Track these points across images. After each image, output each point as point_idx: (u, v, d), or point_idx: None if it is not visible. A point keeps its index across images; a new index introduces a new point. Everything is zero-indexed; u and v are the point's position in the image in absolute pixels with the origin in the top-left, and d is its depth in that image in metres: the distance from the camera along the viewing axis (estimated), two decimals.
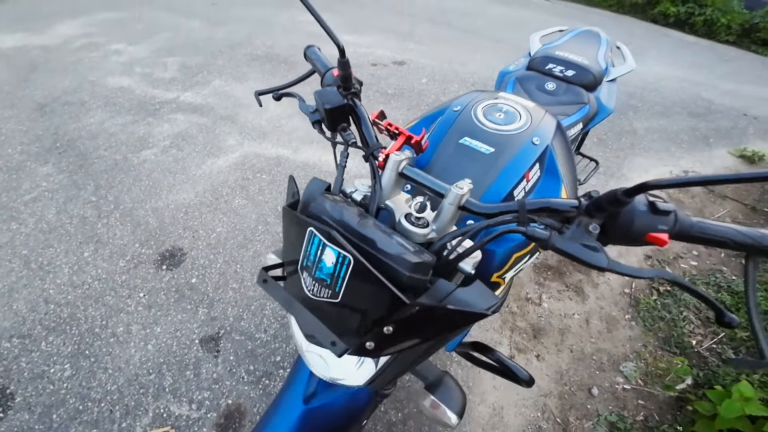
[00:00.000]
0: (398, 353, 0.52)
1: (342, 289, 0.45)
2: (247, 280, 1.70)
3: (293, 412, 0.70)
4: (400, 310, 0.43)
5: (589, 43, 1.45)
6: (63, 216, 2.01)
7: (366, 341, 0.47)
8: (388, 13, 5.39)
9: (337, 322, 0.48)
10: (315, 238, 0.47)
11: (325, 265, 0.46)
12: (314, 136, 2.66)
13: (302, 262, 0.49)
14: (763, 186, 2.31)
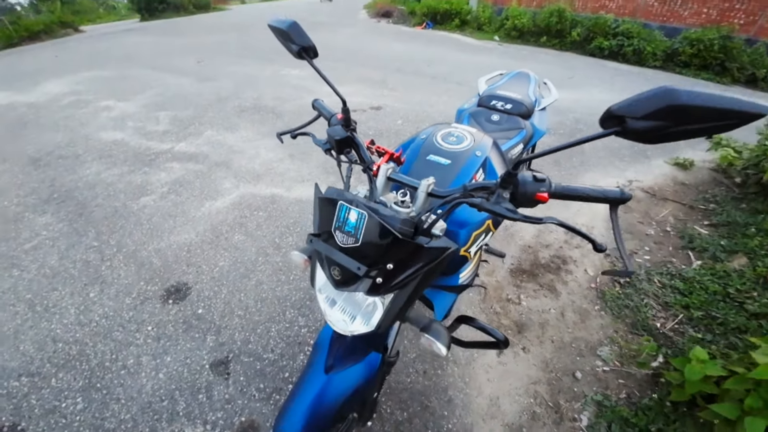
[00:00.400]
0: (395, 297, 0.73)
1: (361, 236, 0.69)
2: (251, 307, 1.81)
3: (317, 380, 0.87)
4: (396, 246, 0.68)
5: (521, 82, 1.83)
6: (66, 261, 2.08)
7: (376, 277, 0.70)
8: (362, 66, 6.00)
9: (359, 259, 0.71)
10: (344, 207, 0.71)
11: (350, 222, 0.70)
12: (305, 176, 2.90)
13: (335, 224, 0.72)
14: (697, 188, 2.75)
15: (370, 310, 0.78)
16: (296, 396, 0.87)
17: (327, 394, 0.86)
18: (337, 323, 0.80)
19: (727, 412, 1.18)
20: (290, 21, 0.92)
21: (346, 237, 0.70)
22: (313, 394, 0.86)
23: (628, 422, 1.35)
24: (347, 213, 0.70)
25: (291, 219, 2.42)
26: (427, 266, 0.71)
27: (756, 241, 2.06)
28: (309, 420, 0.83)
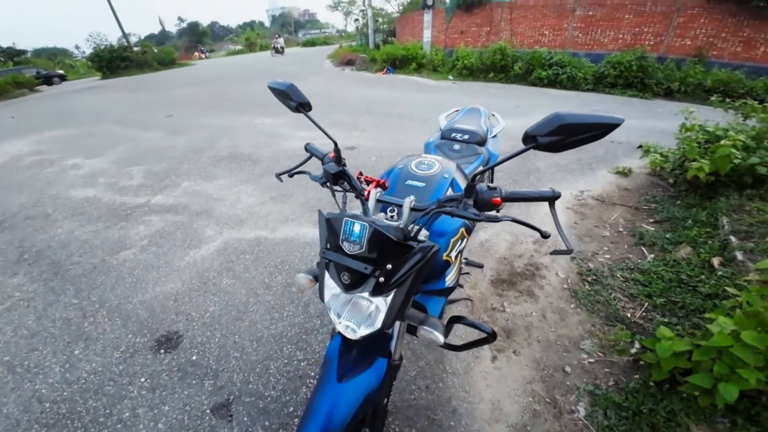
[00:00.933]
0: (395, 295, 0.85)
1: (365, 243, 0.83)
2: (247, 347, 1.80)
3: (331, 390, 0.93)
4: (393, 248, 0.83)
5: (474, 116, 2.12)
6: (44, 321, 1.99)
7: (379, 276, 0.83)
8: (334, 110, 6.37)
9: (364, 262, 0.84)
10: (348, 222, 0.85)
11: (355, 233, 0.83)
12: (288, 216, 2.98)
13: (342, 237, 0.86)
14: (638, 191, 3.12)
15: (373, 314, 0.89)
16: (312, 407, 0.92)
17: (341, 402, 0.92)
18: (346, 331, 0.90)
19: (701, 381, 1.33)
20: (288, 83, 1.12)
21: (352, 246, 0.84)
22: (328, 403, 0.91)
23: (621, 407, 1.46)
24: (352, 226, 0.84)
25: (278, 258, 2.47)
26: (418, 264, 0.85)
27: (695, 231, 2.36)
28: (327, 430, 0.88)
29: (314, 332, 1.88)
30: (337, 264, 0.88)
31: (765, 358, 1.23)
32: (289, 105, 1.12)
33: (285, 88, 1.09)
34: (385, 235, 0.83)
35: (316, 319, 1.96)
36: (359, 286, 0.86)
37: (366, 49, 15.41)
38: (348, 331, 0.90)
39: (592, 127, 0.67)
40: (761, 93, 6.48)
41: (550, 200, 0.86)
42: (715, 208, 2.52)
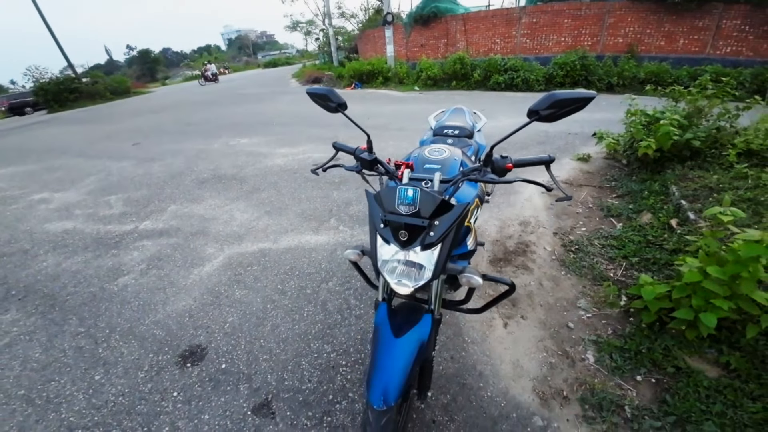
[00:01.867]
0: (441, 247, 1.05)
1: (418, 203, 1.03)
2: (274, 349, 1.86)
3: (391, 345, 1.10)
4: (439, 206, 1.03)
5: (460, 114, 2.36)
6: (53, 352, 1.93)
7: (429, 231, 1.05)
8: (311, 127, 6.48)
9: (419, 218, 1.04)
10: (402, 189, 1.05)
11: (408, 197, 1.04)
12: (287, 227, 3.05)
13: (397, 202, 1.05)
14: (599, 173, 3.52)
15: (422, 270, 1.08)
16: (377, 363, 1.06)
17: (401, 354, 1.07)
18: (400, 287, 1.09)
19: (684, 315, 1.58)
20: (327, 88, 1.30)
21: (408, 207, 1.05)
22: (390, 357, 1.06)
23: (623, 350, 1.68)
24: (406, 192, 1.05)
25: (287, 266, 2.54)
26: (457, 219, 1.06)
27: (652, 200, 2.72)
28: (395, 380, 1.02)
29: (337, 326, 1.97)
30: (396, 225, 1.06)
31: (730, 288, 1.49)
32: (328, 107, 1.31)
33: (324, 92, 1.27)
34: (432, 195, 1.03)
35: (336, 314, 2.05)
36: (414, 241, 1.05)
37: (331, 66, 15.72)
38: (402, 287, 1.09)
39: (576, 101, 0.92)
40: (686, 80, 7.41)
41: (547, 163, 1.13)
42: (665, 179, 2.91)
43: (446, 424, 1.46)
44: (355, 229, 2.94)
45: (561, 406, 1.51)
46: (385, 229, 1.09)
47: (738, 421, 1.32)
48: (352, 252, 1.26)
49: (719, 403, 1.38)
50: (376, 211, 1.12)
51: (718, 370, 1.53)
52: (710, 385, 1.46)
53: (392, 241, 1.08)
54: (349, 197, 3.53)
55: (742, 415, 1.33)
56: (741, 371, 1.47)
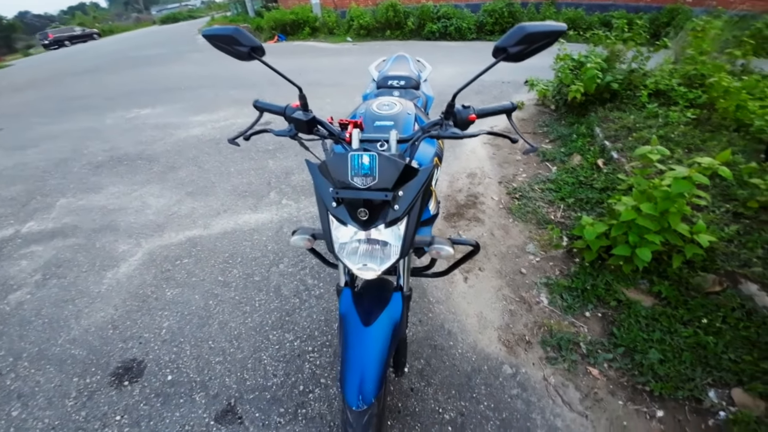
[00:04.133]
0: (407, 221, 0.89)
1: (377, 173, 0.84)
2: (228, 349, 1.66)
3: (361, 335, 0.98)
4: (403, 173, 0.85)
5: (403, 62, 2.17)
6: None
7: (393, 205, 0.86)
8: (231, 89, 5.71)
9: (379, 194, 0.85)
10: (355, 156, 0.85)
11: (365, 165, 0.85)
12: (218, 209, 2.68)
13: (351, 173, 0.85)
14: (532, 119, 3.70)
15: (388, 249, 0.92)
16: (348, 357, 0.95)
17: (374, 342, 0.96)
18: (364, 272, 0.92)
19: (622, 251, 1.72)
20: (232, 27, 0.95)
21: (364, 179, 0.85)
22: (362, 348, 0.96)
23: (570, 289, 1.82)
24: (360, 159, 0.84)
25: (225, 253, 2.25)
26: (422, 186, 0.90)
27: (580, 143, 2.92)
28: (371, 374, 0.93)
29: (296, 312, 1.82)
30: (353, 202, 0.87)
31: (659, 223, 1.65)
32: (239, 52, 0.94)
33: (230, 33, 0.91)
34: (393, 161, 0.85)
35: (293, 298, 1.89)
36: (376, 219, 0.88)
37: (246, 17, 13.75)
38: (367, 272, 0.92)
39: (548, 35, 0.77)
40: (597, 25, 7.99)
41: (509, 111, 1.01)
42: (589, 122, 3.13)
43: (424, 390, 1.46)
44: (301, 201, 2.69)
45: (525, 351, 1.60)
46: (339, 208, 0.90)
47: (675, 347, 1.50)
48: (301, 238, 1.06)
49: (657, 331, 1.56)
50: (323, 186, 0.91)
51: (652, 299, 1.73)
52: (647, 314, 1.64)
53: (349, 222, 0.89)
54: (288, 166, 3.21)
55: (678, 341, 1.52)
56: (670, 299, 1.67)
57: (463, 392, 1.45)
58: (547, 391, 1.44)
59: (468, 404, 1.41)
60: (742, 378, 1.36)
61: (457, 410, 1.39)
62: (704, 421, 1.30)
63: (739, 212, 1.89)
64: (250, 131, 1.13)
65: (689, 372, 1.41)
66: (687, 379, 1.40)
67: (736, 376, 1.37)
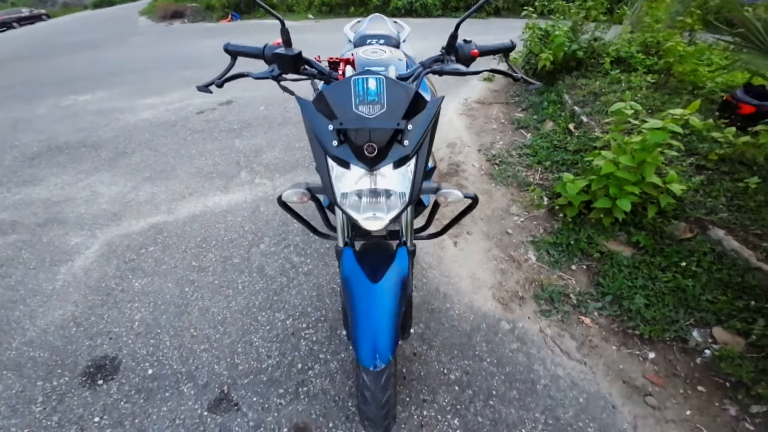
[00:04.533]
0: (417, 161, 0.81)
1: (385, 99, 0.74)
2: (213, 335, 1.54)
3: (370, 292, 0.90)
4: (412, 102, 0.77)
5: (380, 22, 2.06)
6: None
7: (402, 141, 0.77)
8: (183, 69, 5.24)
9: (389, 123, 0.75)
10: (359, 81, 0.74)
11: (371, 90, 0.74)
12: (182, 192, 2.46)
13: (356, 101, 0.74)
14: (504, 91, 3.76)
15: (393, 201, 0.84)
16: (361, 317, 0.89)
17: (384, 299, 0.90)
18: (371, 222, 0.84)
19: (603, 204, 1.78)
20: None
21: (371, 107, 0.74)
22: (372, 306, 0.89)
23: (555, 244, 1.87)
24: (365, 84, 0.74)
25: (197, 237, 2.07)
26: (432, 120, 0.82)
27: (551, 110, 3.00)
28: (386, 332, 0.87)
29: (284, 290, 1.72)
30: (358, 136, 0.75)
31: (636, 175, 1.71)
32: None
33: None
34: (403, 86, 0.75)
35: (280, 277, 1.78)
36: (383, 158, 0.77)
37: None
38: (375, 222, 0.84)
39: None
40: None
41: (508, 50, 1.01)
42: (558, 89, 3.21)
43: (427, 353, 1.44)
44: (276, 179, 2.54)
45: (519, 306, 1.62)
46: (341, 148, 0.78)
47: (658, 291, 1.59)
48: (295, 192, 0.93)
49: (640, 278, 1.64)
50: (321, 124, 0.79)
51: (631, 249, 1.81)
52: (629, 263, 1.72)
53: (354, 162, 0.78)
54: (258, 144, 3.00)
55: (659, 286, 1.60)
56: (648, 247, 1.76)
57: (466, 351, 1.45)
58: (545, 342, 1.48)
59: (471, 362, 1.41)
60: (720, 317, 1.47)
61: (462, 369, 1.39)
62: (692, 360, 1.39)
63: (701, 164, 2.02)
64: (224, 77, 1.01)
65: (673, 314, 1.50)
66: (672, 321, 1.49)
67: (715, 316, 1.47)
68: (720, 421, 1.21)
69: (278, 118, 3.40)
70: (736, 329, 1.41)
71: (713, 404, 1.25)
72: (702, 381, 1.32)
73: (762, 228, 1.63)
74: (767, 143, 1.83)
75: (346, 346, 1.47)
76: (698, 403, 1.26)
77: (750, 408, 1.22)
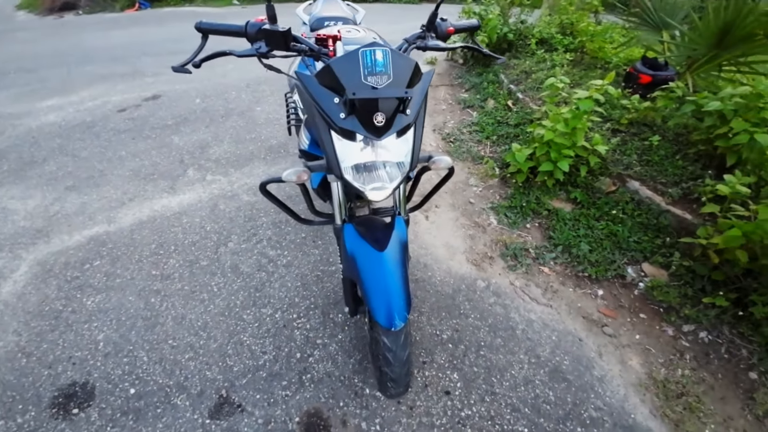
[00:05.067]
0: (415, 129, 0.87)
1: (391, 70, 0.78)
2: (195, 343, 1.45)
3: (379, 260, 0.96)
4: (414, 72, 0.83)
5: (334, 4, 2.03)
6: None
7: (405, 110, 0.82)
8: (90, 64, 4.48)
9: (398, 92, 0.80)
10: (367, 53, 0.77)
11: (378, 62, 0.78)
12: (119, 198, 2.20)
13: (364, 72, 0.77)
14: (447, 73, 3.92)
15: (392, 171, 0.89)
16: (373, 284, 0.93)
17: (392, 264, 0.96)
18: (379, 193, 0.88)
19: (547, 167, 2.02)
20: None
21: (378, 78, 0.78)
22: (385, 272, 0.94)
23: (510, 207, 2.09)
24: (373, 56, 0.77)
25: (152, 245, 1.89)
26: (426, 91, 0.89)
27: (491, 89, 3.24)
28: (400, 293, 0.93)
29: (266, 286, 1.68)
30: (368, 106, 0.78)
31: (570, 140, 1.97)
32: None
33: None
34: (406, 58, 0.82)
35: (259, 273, 1.73)
36: (388, 128, 0.82)
37: None
38: (380, 191, 0.88)
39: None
40: None
41: (475, 29, 1.13)
42: (495, 70, 3.46)
43: (418, 319, 1.55)
44: (231, 174, 2.39)
45: (490, 265, 1.80)
46: (349, 119, 0.80)
47: (596, 237, 1.87)
48: (294, 171, 0.94)
49: (581, 228, 1.92)
50: (327, 98, 0.81)
51: (571, 205, 2.10)
52: (571, 217, 1.99)
53: (362, 132, 0.81)
54: (201, 139, 2.77)
55: (597, 233, 1.89)
56: (583, 202, 2.05)
57: (452, 311, 1.58)
58: (516, 293, 1.67)
59: (459, 321, 1.55)
60: (645, 254, 1.79)
61: (452, 328, 1.52)
62: (631, 292, 1.68)
63: (616, 128, 2.39)
64: (200, 56, 0.94)
65: (611, 256, 1.79)
66: (611, 261, 1.78)
67: (642, 254, 1.79)
68: (662, 341, 1.50)
69: (220, 110, 3.16)
70: (659, 263, 1.74)
71: (654, 327, 1.55)
72: (642, 309, 1.62)
73: (665, 177, 2.01)
74: (662, 107, 2.22)
75: (342, 326, 1.51)
76: (643, 328, 1.55)
77: (682, 327, 1.53)
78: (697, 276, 1.62)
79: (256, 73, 3.94)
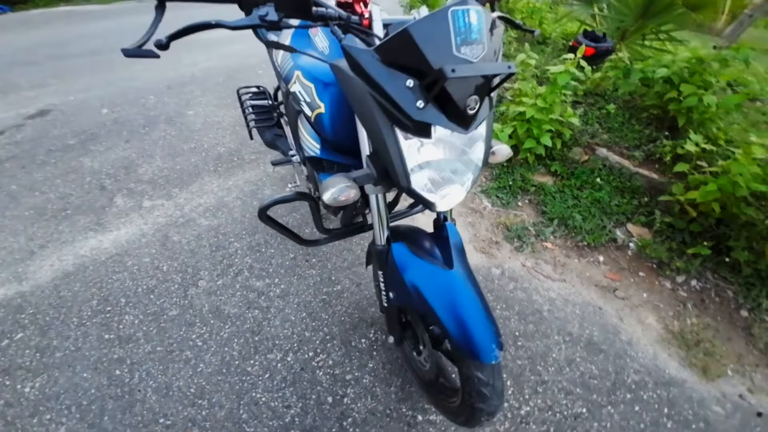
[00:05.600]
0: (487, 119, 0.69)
1: (484, 40, 0.58)
2: (196, 415, 1.14)
3: (450, 281, 0.80)
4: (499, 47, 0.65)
5: None
6: None
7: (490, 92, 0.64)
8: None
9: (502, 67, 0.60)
10: (458, 13, 0.55)
11: (473, 26, 0.56)
12: (24, 247, 1.65)
13: (457, 41, 0.56)
14: None
15: (464, 170, 0.73)
16: (460, 311, 0.77)
17: (466, 284, 0.80)
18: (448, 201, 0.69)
19: (530, 144, 2.02)
20: None
21: (473, 48, 0.57)
22: (464, 294, 0.78)
23: (500, 188, 2.08)
24: (467, 17, 0.55)
25: (91, 301, 1.45)
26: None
27: None
28: (487, 315, 0.78)
29: (264, 326, 1.40)
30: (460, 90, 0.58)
31: (547, 115, 1.99)
32: None
33: None
34: (493, 19, 0.61)
35: (250, 312, 1.44)
36: (475, 118, 0.62)
37: None
38: (451, 198, 0.70)
39: None
40: None
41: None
42: None
43: None
44: (177, 196, 1.95)
45: (498, 250, 1.75)
46: (426, 110, 0.59)
47: (583, 206, 1.93)
48: (339, 191, 0.70)
49: (569, 199, 1.97)
50: (395, 82, 0.59)
51: (552, 178, 2.14)
52: (556, 189, 2.03)
53: (449, 125, 0.61)
54: (124, 156, 2.22)
55: (585, 202, 1.95)
56: (563, 174, 2.11)
57: None
58: (531, 274, 1.65)
59: None
60: (627, 216, 1.90)
61: None
62: (626, 254, 1.77)
63: (576, 100, 2.50)
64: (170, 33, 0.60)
65: (600, 222, 1.87)
66: (602, 227, 1.85)
67: (624, 216, 1.90)
68: (665, 295, 1.60)
69: (138, 120, 2.57)
70: (642, 222, 1.86)
71: (654, 283, 1.65)
72: (639, 267, 1.71)
73: (627, 142, 2.15)
74: (611, 76, 2.37)
75: (369, 352, 1.32)
76: (646, 286, 1.64)
77: (676, 279, 1.65)
78: (677, 230, 1.77)
79: (177, 72, 3.34)
